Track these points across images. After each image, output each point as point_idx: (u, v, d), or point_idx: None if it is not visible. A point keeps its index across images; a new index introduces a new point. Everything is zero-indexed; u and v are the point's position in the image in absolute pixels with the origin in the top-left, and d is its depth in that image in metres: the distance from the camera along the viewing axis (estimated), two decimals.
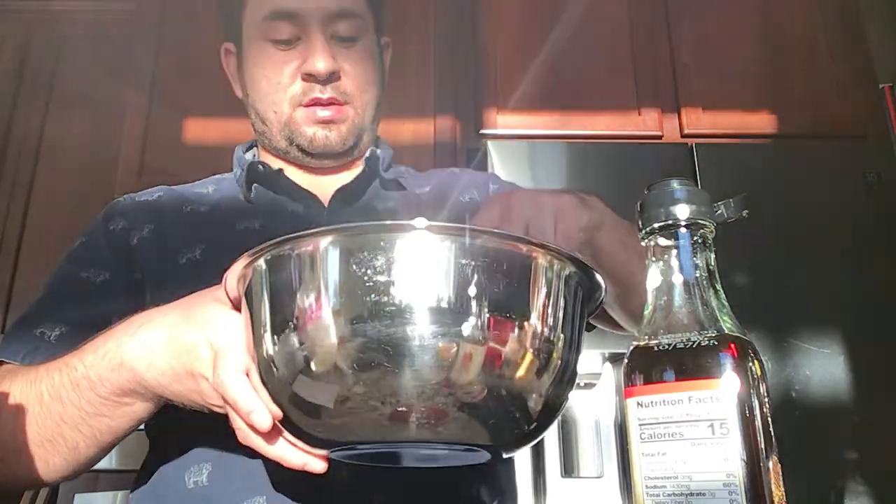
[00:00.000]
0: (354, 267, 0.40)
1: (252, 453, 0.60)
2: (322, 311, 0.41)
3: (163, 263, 0.78)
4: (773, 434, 0.43)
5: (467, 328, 0.40)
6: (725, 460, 0.40)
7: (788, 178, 1.78)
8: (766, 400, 0.43)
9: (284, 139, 0.85)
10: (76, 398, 0.59)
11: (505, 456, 0.49)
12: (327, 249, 0.42)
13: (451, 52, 2.05)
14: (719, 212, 0.48)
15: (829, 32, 2.07)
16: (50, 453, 0.62)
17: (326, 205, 0.83)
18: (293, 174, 0.86)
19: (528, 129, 1.95)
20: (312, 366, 0.42)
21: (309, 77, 0.81)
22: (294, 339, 0.42)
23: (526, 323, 0.43)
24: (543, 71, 2.01)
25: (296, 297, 0.42)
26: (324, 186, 0.85)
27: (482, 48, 2.03)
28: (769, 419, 0.43)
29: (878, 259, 1.72)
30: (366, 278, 0.40)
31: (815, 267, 1.70)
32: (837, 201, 1.76)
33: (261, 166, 0.85)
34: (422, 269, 0.40)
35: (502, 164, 1.76)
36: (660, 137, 1.97)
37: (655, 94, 2.00)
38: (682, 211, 0.46)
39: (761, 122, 1.98)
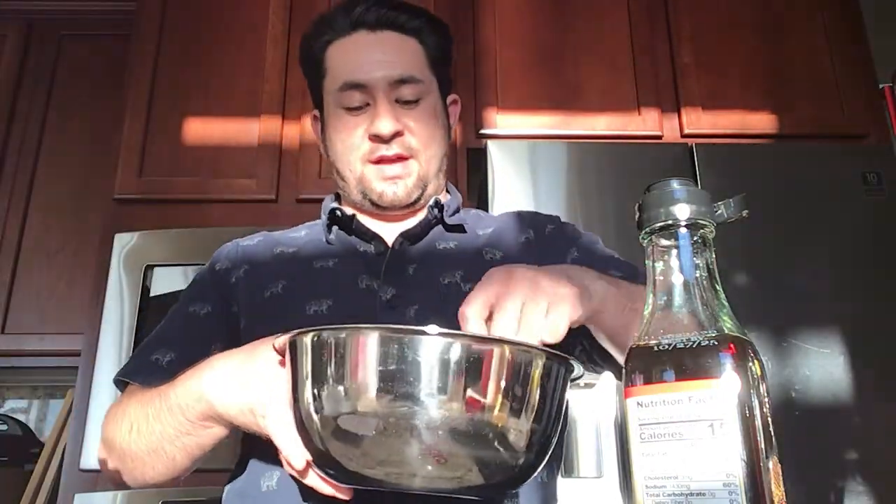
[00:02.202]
0: (380, 357, 0.52)
1: None
2: (355, 385, 0.53)
3: (252, 297, 0.89)
4: (773, 434, 0.43)
5: (457, 406, 0.51)
6: (725, 460, 0.40)
7: (788, 178, 1.77)
8: (766, 400, 0.43)
9: (359, 193, 0.95)
10: (171, 420, 0.72)
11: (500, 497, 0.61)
12: (363, 343, 0.53)
13: (452, 51, 2.04)
14: (719, 212, 0.48)
15: (830, 32, 2.07)
16: (155, 461, 0.77)
17: (391, 245, 0.92)
18: (364, 219, 0.96)
19: (528, 129, 1.95)
20: (345, 426, 0.53)
21: (375, 138, 0.91)
22: (332, 404, 0.54)
23: (502, 401, 0.52)
24: (543, 71, 2.02)
25: (334, 372, 0.54)
26: (392, 229, 0.95)
27: (482, 48, 2.03)
28: (769, 419, 0.43)
29: (878, 259, 1.72)
30: (388, 366, 0.52)
31: (815, 267, 1.70)
32: (837, 201, 1.75)
33: (339, 212, 0.95)
34: (428, 362, 0.52)
35: (502, 164, 1.76)
36: (660, 137, 1.97)
37: (655, 94, 2.00)
38: (682, 211, 0.46)
39: (761, 122, 1.98)
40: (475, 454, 0.53)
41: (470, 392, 0.51)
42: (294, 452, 0.59)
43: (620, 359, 0.75)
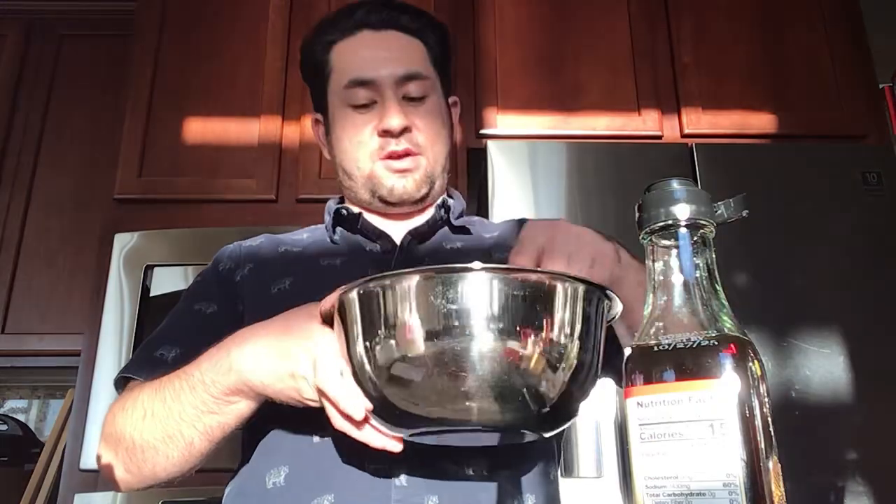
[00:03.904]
0: (430, 298, 0.54)
1: (324, 458, 0.75)
2: (408, 326, 0.55)
3: (259, 294, 0.89)
4: (773, 434, 0.43)
5: (506, 339, 0.53)
6: (725, 460, 0.40)
7: (788, 178, 1.77)
8: (766, 400, 0.43)
9: (368, 191, 0.94)
10: (192, 398, 0.71)
11: (533, 437, 0.61)
12: (412, 285, 0.55)
13: (451, 52, 2.04)
14: (719, 212, 0.48)
15: (829, 32, 2.07)
16: (170, 448, 0.74)
17: (399, 244, 0.93)
18: (371, 217, 0.96)
19: (528, 129, 1.95)
20: (401, 367, 0.55)
21: (385, 133, 0.91)
22: (387, 349, 0.56)
23: (549, 333, 0.54)
24: (543, 71, 2.01)
25: (385, 318, 0.56)
26: (398, 228, 0.95)
27: (482, 48, 2.03)
28: (769, 419, 0.43)
29: (877, 259, 1.72)
30: (438, 305, 0.54)
31: (815, 267, 1.70)
32: (837, 201, 1.75)
33: (344, 211, 0.96)
34: (475, 298, 0.54)
35: (502, 164, 1.76)
36: (660, 137, 1.97)
37: (655, 94, 2.00)
38: (682, 211, 0.46)
39: (761, 122, 1.98)
40: (525, 383, 0.54)
41: (514, 323, 0.53)
42: (353, 402, 0.59)
43: (626, 339, 0.76)
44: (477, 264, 0.53)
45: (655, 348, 0.44)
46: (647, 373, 0.44)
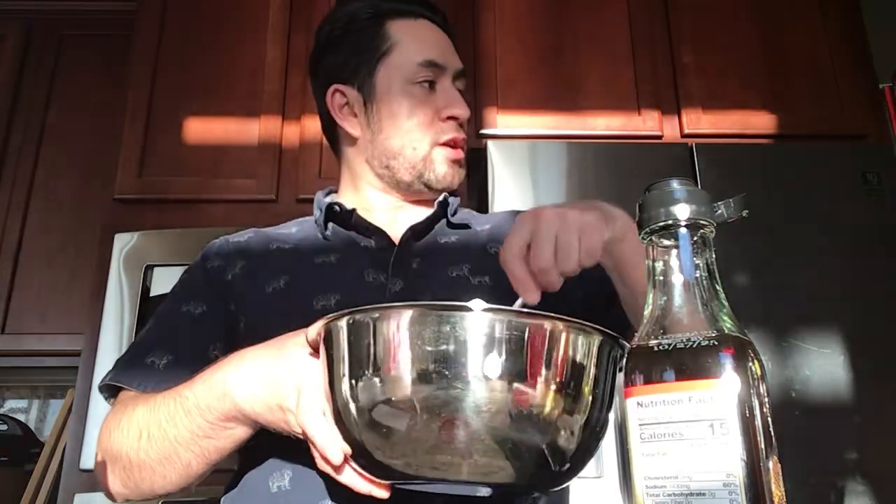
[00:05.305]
0: (422, 336, 0.50)
1: None
2: (396, 367, 0.51)
3: (252, 293, 0.87)
4: (773, 434, 0.43)
5: (506, 389, 0.49)
6: (725, 460, 0.40)
7: (788, 178, 1.77)
8: (766, 400, 0.43)
9: (414, 174, 0.94)
10: (188, 423, 0.69)
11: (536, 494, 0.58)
12: (402, 321, 0.51)
13: None
14: (719, 212, 0.48)
15: (830, 33, 2.07)
16: (167, 469, 0.73)
17: (396, 241, 0.91)
18: (364, 214, 0.94)
19: (528, 129, 1.95)
20: (386, 411, 0.50)
21: (452, 119, 0.94)
22: (372, 389, 0.51)
23: (554, 384, 0.50)
24: (543, 71, 2.01)
25: (372, 355, 0.51)
26: (396, 223, 0.94)
27: (482, 48, 2.03)
28: (769, 419, 0.43)
29: (877, 259, 1.72)
30: (430, 346, 0.49)
31: (815, 267, 1.70)
32: (837, 201, 1.75)
33: (337, 207, 0.94)
34: (474, 341, 0.49)
35: (502, 164, 1.76)
36: (660, 137, 1.97)
37: (655, 94, 2.00)
38: (682, 211, 0.46)
39: (761, 122, 1.98)
40: (523, 439, 0.49)
41: (516, 375, 0.49)
42: (331, 445, 0.55)
43: (630, 301, 0.75)
44: (477, 303, 0.49)
45: (655, 348, 0.44)
46: (647, 373, 0.44)
